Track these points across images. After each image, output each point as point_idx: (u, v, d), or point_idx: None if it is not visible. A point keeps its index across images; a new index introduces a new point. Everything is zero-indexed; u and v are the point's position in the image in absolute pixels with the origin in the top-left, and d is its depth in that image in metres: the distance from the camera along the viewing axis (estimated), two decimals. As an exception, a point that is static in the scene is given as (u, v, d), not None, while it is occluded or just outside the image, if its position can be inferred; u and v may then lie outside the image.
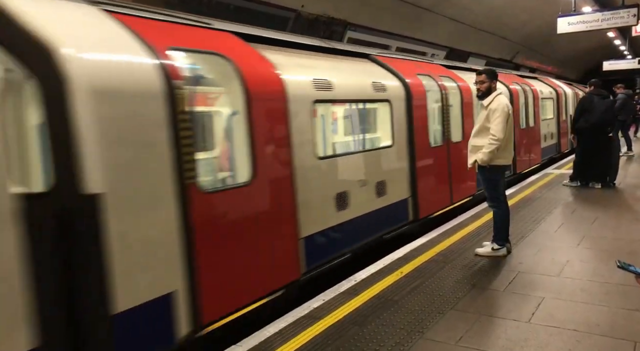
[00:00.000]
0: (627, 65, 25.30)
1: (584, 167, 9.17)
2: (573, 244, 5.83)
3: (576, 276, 4.76)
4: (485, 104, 5.27)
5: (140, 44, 3.40)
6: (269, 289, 4.27)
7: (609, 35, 21.97)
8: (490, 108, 5.19)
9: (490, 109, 5.18)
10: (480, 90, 5.32)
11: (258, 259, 4.18)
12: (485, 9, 15.03)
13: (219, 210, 3.79)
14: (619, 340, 3.51)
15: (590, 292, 4.37)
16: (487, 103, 5.24)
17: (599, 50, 27.54)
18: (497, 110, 5.12)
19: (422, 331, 3.76)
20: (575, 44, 23.96)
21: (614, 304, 4.09)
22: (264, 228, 4.23)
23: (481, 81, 5.30)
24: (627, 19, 12.13)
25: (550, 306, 4.12)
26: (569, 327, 3.73)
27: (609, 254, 5.33)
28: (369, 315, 4.09)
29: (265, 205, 4.27)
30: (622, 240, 5.93)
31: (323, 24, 10.49)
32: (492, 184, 5.37)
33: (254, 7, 8.74)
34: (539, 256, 5.40)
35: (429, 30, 14.16)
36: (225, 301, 3.84)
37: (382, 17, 11.87)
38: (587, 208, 7.69)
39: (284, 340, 3.73)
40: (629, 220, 6.84)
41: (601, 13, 12.57)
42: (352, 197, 5.48)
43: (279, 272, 4.41)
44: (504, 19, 16.61)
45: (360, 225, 5.69)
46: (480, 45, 17.61)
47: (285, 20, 9.62)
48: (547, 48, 23.00)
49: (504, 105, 5.16)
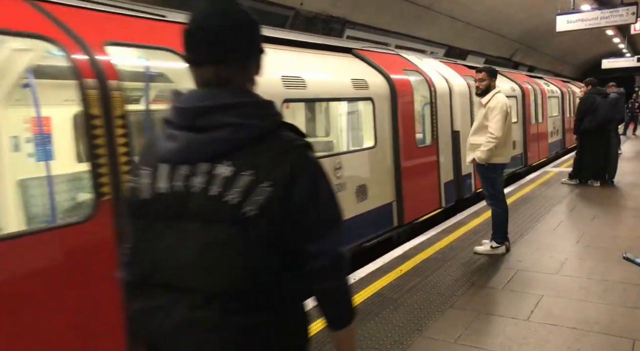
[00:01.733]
0: (626, 63, 25.31)
1: (585, 166, 9.19)
2: (572, 242, 5.83)
3: (575, 274, 4.76)
4: (484, 102, 5.26)
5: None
6: None
7: (608, 33, 21.97)
8: (489, 106, 5.18)
9: (489, 107, 5.17)
10: (480, 88, 5.30)
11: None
12: (484, 7, 15.02)
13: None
14: (618, 338, 3.50)
15: (589, 290, 4.37)
16: (485, 101, 5.23)
17: (598, 48, 27.55)
18: (496, 108, 5.11)
19: (421, 329, 3.76)
20: (574, 42, 23.97)
21: (613, 301, 4.09)
22: None
23: (481, 79, 5.29)
24: (626, 17, 12.13)
25: (549, 304, 4.12)
26: (568, 325, 3.72)
27: (607, 252, 5.33)
28: (367, 313, 4.08)
29: None
30: (620, 237, 5.93)
31: (322, 22, 10.47)
32: (490, 182, 5.37)
33: (252, 5, 8.72)
34: (538, 254, 5.40)
35: (428, 28, 14.14)
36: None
37: (381, 15, 11.86)
38: (586, 206, 7.70)
39: (282, 338, 3.72)
40: (628, 218, 6.84)
41: (600, 11, 12.56)
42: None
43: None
44: (502, 17, 16.60)
45: None
46: (479, 43, 17.60)
47: (284, 18, 9.61)
48: (546, 46, 23.00)
49: (503, 103, 5.15)
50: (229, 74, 1.29)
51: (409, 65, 7.30)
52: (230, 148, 1.22)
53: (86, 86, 2.96)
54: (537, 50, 23.09)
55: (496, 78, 5.38)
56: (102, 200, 2.93)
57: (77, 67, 2.96)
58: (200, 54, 1.29)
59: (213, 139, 1.23)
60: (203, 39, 1.27)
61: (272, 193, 1.20)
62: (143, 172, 1.30)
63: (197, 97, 1.27)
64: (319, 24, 10.42)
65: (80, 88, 2.95)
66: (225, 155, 1.22)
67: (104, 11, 3.54)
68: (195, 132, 1.23)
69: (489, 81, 5.28)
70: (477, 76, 5.35)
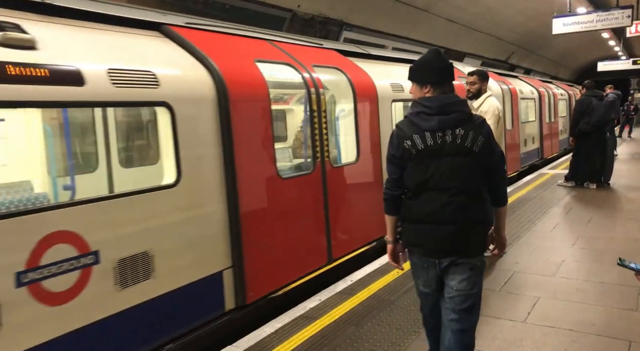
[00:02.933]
0: (621, 65, 25.41)
1: (581, 168, 9.27)
2: (568, 244, 5.85)
3: (571, 276, 4.78)
4: (475, 106, 5.24)
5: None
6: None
7: (604, 36, 22.06)
8: (481, 110, 5.14)
9: (482, 111, 5.13)
10: (471, 92, 5.27)
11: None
12: (481, 10, 15.07)
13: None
14: (614, 340, 3.52)
15: (585, 292, 4.38)
16: (477, 105, 5.21)
17: (593, 51, 27.67)
18: (489, 112, 5.08)
19: (418, 331, 3.76)
20: (570, 44, 24.07)
21: (609, 304, 4.11)
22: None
23: (472, 82, 5.26)
24: (622, 19, 12.18)
25: (545, 306, 4.13)
26: (565, 327, 3.74)
27: (604, 254, 5.36)
28: (365, 315, 4.09)
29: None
30: (617, 239, 5.95)
31: (319, 24, 10.49)
32: None
33: (250, 7, 8.73)
34: (534, 256, 5.41)
35: (425, 31, 14.18)
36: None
37: (378, 17, 11.89)
38: (582, 208, 7.72)
39: (280, 340, 3.72)
40: (624, 220, 6.87)
41: (596, 14, 12.62)
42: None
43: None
44: (499, 19, 16.66)
45: None
46: (475, 45, 17.66)
47: (281, 20, 9.61)
48: (543, 49, 23.08)
49: (495, 107, 5.13)
50: (450, 88, 2.63)
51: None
52: (460, 122, 2.54)
53: (309, 92, 5.07)
54: (534, 53, 23.17)
55: (487, 81, 5.35)
56: (317, 161, 5.06)
57: (305, 81, 5.07)
58: (439, 78, 2.62)
59: (453, 118, 2.54)
60: (436, 72, 2.63)
61: (483, 141, 2.54)
62: (415, 136, 2.56)
63: (440, 99, 2.57)
64: (316, 25, 10.44)
65: (309, 94, 5.06)
66: (459, 125, 2.54)
67: (308, 46, 5.93)
68: (442, 115, 2.54)
69: (480, 84, 5.25)
70: (468, 80, 5.33)
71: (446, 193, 2.52)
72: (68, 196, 4.23)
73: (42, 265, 2.86)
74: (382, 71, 6.78)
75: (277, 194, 4.54)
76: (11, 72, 2.78)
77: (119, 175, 4.59)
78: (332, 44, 6.91)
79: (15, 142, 4.16)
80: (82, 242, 3.06)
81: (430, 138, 2.53)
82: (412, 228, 2.66)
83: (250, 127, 4.30)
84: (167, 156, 3.72)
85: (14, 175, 4.00)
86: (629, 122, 21.48)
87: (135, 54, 3.68)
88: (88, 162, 4.60)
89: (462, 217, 2.53)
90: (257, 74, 4.50)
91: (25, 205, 3.55)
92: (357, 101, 5.75)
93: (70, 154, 4.42)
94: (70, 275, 2.98)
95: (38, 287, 2.84)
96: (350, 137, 5.84)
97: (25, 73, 2.85)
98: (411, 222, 2.65)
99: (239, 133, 4.13)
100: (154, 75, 3.60)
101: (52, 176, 4.23)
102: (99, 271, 3.13)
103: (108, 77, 3.29)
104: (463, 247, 2.56)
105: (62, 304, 2.95)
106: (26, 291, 2.79)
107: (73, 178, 4.33)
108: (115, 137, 4.65)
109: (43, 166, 4.19)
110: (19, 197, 3.67)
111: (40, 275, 2.85)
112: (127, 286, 3.29)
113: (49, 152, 4.21)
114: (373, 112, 6.06)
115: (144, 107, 4.17)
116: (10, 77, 2.78)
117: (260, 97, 4.46)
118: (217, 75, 4.06)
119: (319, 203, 5.09)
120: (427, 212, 2.56)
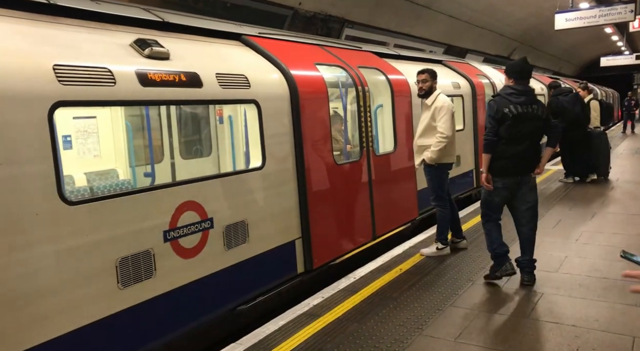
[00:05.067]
0: (624, 60, 25.33)
1: (571, 163, 9.60)
2: (571, 240, 5.84)
3: (575, 272, 4.78)
4: (429, 103, 5.33)
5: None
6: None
7: (607, 31, 21.98)
8: (435, 106, 5.26)
9: (436, 107, 5.25)
10: (423, 89, 5.40)
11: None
12: (483, 6, 15.02)
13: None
14: (618, 335, 3.51)
15: (588, 287, 4.38)
16: (430, 102, 5.32)
17: (596, 46, 27.56)
18: (443, 108, 5.22)
19: (421, 327, 3.77)
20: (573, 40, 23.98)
21: (613, 299, 4.10)
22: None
23: (424, 80, 5.38)
24: (625, 14, 12.14)
25: (549, 302, 4.13)
26: (568, 322, 3.74)
27: (607, 249, 5.35)
28: (368, 312, 4.09)
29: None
30: (620, 235, 5.94)
31: (320, 22, 10.48)
32: (439, 183, 5.40)
33: (251, 5, 8.72)
34: (537, 252, 5.36)
35: (427, 27, 14.15)
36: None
37: (379, 14, 11.86)
38: (585, 204, 7.71)
39: (283, 337, 3.74)
40: (627, 216, 6.85)
41: (598, 9, 12.57)
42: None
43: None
44: (501, 15, 16.61)
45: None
46: (478, 41, 17.61)
47: (283, 17, 9.61)
48: (545, 44, 23.00)
49: (449, 103, 5.29)
50: (528, 82, 4.54)
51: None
52: (535, 101, 4.46)
53: (358, 90, 5.75)
54: (536, 49, 23.09)
55: (436, 79, 5.46)
56: (363, 149, 5.77)
57: (354, 81, 5.76)
58: (528, 76, 4.57)
59: (532, 98, 4.45)
60: (527, 73, 4.57)
61: (547, 114, 4.53)
62: (510, 106, 4.33)
63: (524, 86, 4.46)
64: (318, 23, 10.43)
65: (356, 91, 5.76)
66: (534, 102, 4.44)
67: (353, 49, 6.66)
68: (527, 96, 4.42)
69: (431, 82, 5.38)
70: (419, 77, 5.43)
71: (525, 142, 4.37)
72: (148, 182, 5.10)
73: (178, 226, 3.68)
74: (413, 70, 6.68)
75: (333, 178, 5.28)
76: (156, 78, 3.61)
77: (179, 165, 5.56)
78: (369, 46, 7.69)
79: (103, 136, 5.17)
80: (203, 210, 3.89)
81: (520, 108, 4.33)
82: (502, 162, 4.39)
83: (314, 120, 5.06)
84: (255, 144, 4.57)
85: (104, 164, 5.15)
86: (630, 118, 21.40)
87: (232, 61, 4.52)
88: (160, 153, 5.58)
89: (533, 155, 4.46)
90: (318, 75, 5.28)
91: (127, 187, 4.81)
92: (395, 97, 6.48)
93: (152, 147, 5.28)
94: (196, 235, 3.83)
95: (176, 243, 3.67)
96: (388, 129, 6.53)
97: (167, 79, 3.67)
98: (504, 158, 4.38)
99: (306, 125, 4.90)
100: (246, 78, 4.40)
101: (132, 166, 5.22)
102: (213, 234, 3.98)
103: (217, 80, 4.09)
104: (531, 170, 4.51)
105: (190, 258, 3.78)
106: (170, 245, 3.61)
107: (153, 167, 5.21)
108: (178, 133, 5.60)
109: (126, 157, 5.23)
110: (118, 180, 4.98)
111: (178, 234, 3.67)
112: (231, 247, 4.15)
113: (129, 144, 5.22)
114: (407, 107, 6.81)
115: (240, 104, 4.77)
116: (156, 82, 3.60)
117: (321, 94, 5.20)
118: (289, 77, 4.82)
119: (365, 187, 5.83)
120: (514, 152, 4.37)
